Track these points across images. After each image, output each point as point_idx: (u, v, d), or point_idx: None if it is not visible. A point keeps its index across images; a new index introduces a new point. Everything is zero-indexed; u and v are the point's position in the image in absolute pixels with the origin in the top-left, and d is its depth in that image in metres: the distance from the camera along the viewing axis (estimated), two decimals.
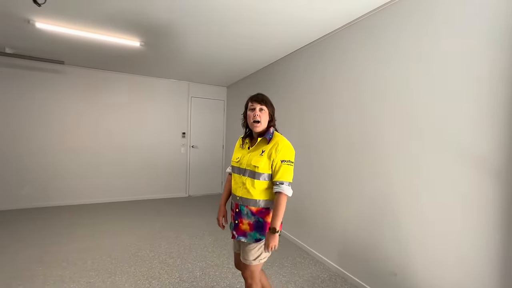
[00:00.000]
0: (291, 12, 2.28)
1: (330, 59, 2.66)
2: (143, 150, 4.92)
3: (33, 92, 4.09)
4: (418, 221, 1.78)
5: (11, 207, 4.02)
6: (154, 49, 3.37)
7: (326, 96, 2.70)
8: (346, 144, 2.42)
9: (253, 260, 1.41)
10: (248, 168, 1.43)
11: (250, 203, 1.42)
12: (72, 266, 2.40)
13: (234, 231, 1.49)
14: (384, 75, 2.07)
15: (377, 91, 2.13)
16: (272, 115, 1.49)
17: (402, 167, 1.90)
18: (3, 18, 2.61)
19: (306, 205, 2.96)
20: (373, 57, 2.17)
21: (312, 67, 2.93)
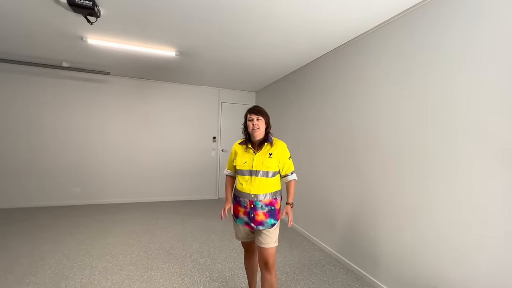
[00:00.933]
0: (318, 18, 2.28)
1: (364, 61, 2.59)
2: (176, 154, 5.19)
3: (83, 100, 4.57)
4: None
5: (64, 204, 4.50)
6: (188, 58, 3.57)
7: (360, 99, 2.63)
8: (379, 147, 2.33)
9: (274, 242, 1.68)
10: (261, 169, 1.68)
11: (263, 197, 1.67)
12: (115, 260, 2.62)
13: (251, 223, 1.69)
14: (425, 79, 1.96)
15: (415, 95, 2.03)
16: (268, 123, 1.75)
17: (443, 172, 1.78)
18: (62, 37, 2.98)
19: (345, 214, 2.89)
20: (412, 61, 2.07)
21: (342, 71, 2.87)
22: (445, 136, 1.78)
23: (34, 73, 4.27)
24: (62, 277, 2.26)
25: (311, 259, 2.79)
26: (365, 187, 2.48)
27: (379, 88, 2.37)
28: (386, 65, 2.31)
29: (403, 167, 2.09)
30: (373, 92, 2.44)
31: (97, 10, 2.23)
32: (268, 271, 1.69)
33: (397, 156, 2.15)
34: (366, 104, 2.52)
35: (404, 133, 2.10)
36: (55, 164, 4.45)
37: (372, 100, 2.45)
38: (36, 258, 2.58)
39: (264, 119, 1.72)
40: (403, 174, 2.09)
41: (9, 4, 2.28)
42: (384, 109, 2.31)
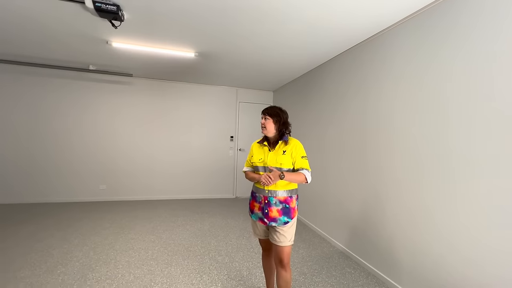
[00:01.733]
0: (332, 17, 2.22)
1: (380, 59, 2.49)
2: (195, 153, 5.30)
3: (108, 101, 4.80)
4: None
5: (91, 200, 4.75)
6: (207, 59, 3.63)
7: (375, 98, 2.54)
8: (407, 146, 2.23)
9: (288, 241, 1.71)
10: (274, 165, 1.71)
11: (277, 194, 1.71)
12: (137, 254, 2.72)
13: (264, 219, 1.72)
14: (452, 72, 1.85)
15: (432, 93, 1.92)
16: (279, 122, 1.78)
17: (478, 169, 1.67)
18: (89, 41, 3.13)
19: (373, 219, 2.81)
20: (435, 54, 1.96)
21: (361, 68, 2.78)
22: (464, 135, 1.67)
23: (63, 76, 4.54)
24: (89, 269, 2.38)
25: (330, 261, 2.73)
26: (387, 187, 2.38)
27: (395, 87, 2.27)
28: (402, 63, 2.22)
29: (422, 168, 1.99)
30: (389, 91, 2.34)
31: (121, 14, 2.32)
32: (284, 268, 1.73)
33: (416, 156, 2.05)
34: (381, 103, 2.43)
35: (421, 132, 1.99)
36: (83, 162, 4.71)
37: (388, 99, 2.35)
38: (65, 250, 2.74)
39: (272, 119, 1.78)
40: (423, 174, 1.98)
41: (43, 12, 2.43)
42: (399, 108, 2.21)
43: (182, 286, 2.18)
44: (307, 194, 3.90)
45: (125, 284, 2.18)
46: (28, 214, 3.85)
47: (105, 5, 2.17)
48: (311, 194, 3.79)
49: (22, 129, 4.43)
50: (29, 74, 4.40)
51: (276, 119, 1.78)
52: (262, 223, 1.76)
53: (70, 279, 2.22)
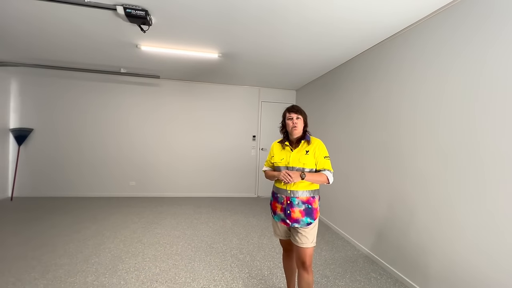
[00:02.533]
0: (358, 8, 2.13)
1: (416, 53, 2.35)
2: (218, 152, 5.40)
3: (137, 102, 5.06)
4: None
5: (122, 195, 5.05)
6: (230, 59, 3.68)
7: (408, 97, 2.39)
8: (433, 146, 2.08)
9: (310, 242, 1.67)
10: (297, 165, 1.69)
11: (300, 194, 1.68)
12: (163, 249, 2.84)
13: (287, 220, 1.70)
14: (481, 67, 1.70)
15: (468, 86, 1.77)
16: (306, 122, 1.78)
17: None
18: (120, 46, 3.32)
19: (396, 223, 2.68)
20: (462, 49, 1.81)
21: (387, 66, 2.64)
22: (497, 134, 1.51)
23: (97, 79, 4.87)
24: (119, 260, 2.53)
25: (354, 265, 2.64)
26: (413, 189, 2.24)
27: (419, 84, 2.12)
28: (428, 60, 2.06)
29: (452, 169, 1.84)
30: (413, 88, 2.20)
31: (149, 19, 2.43)
32: (306, 271, 1.69)
33: (443, 156, 1.90)
34: (415, 102, 2.28)
35: (449, 131, 1.84)
36: (115, 160, 5.02)
37: (421, 98, 2.20)
38: (99, 241, 2.94)
39: (302, 117, 1.75)
40: (452, 176, 1.83)
41: (80, 21, 2.62)
42: (424, 106, 2.06)
43: (205, 281, 2.24)
44: (330, 194, 3.80)
45: (151, 276, 2.28)
46: (67, 207, 4.18)
47: (134, 10, 2.29)
48: (334, 195, 3.69)
49: (61, 128, 4.83)
50: (66, 78, 4.78)
51: (304, 117, 1.77)
52: (285, 224, 1.73)
53: (102, 268, 2.38)
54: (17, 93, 4.68)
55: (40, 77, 4.71)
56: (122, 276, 2.26)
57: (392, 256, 2.50)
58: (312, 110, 4.57)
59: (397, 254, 2.44)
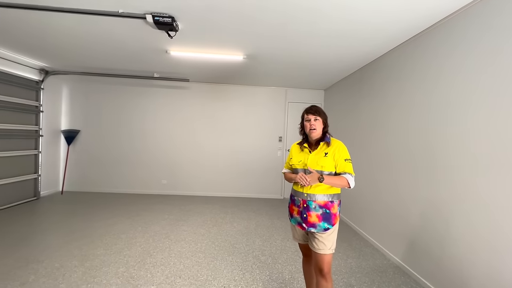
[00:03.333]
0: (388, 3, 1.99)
1: (453, 46, 2.12)
2: (245, 153, 5.46)
3: (169, 104, 5.34)
4: None
5: (155, 193, 5.36)
6: (255, 61, 3.70)
7: (444, 94, 2.17)
8: (470, 149, 1.86)
9: (328, 249, 1.60)
10: (315, 168, 1.63)
11: (317, 198, 1.61)
12: (188, 246, 2.94)
13: (303, 224, 1.64)
14: None
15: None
16: (325, 123, 1.71)
17: None
18: (153, 52, 3.53)
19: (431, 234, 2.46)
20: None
21: (422, 60, 2.42)
22: None
23: (134, 84, 5.24)
24: (148, 254, 2.68)
25: (383, 275, 2.46)
26: (450, 196, 2.02)
27: (475, 79, 1.89)
28: (485, 46, 1.82)
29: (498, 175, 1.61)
30: (465, 84, 1.97)
31: (175, 25, 2.54)
32: (323, 278, 1.62)
33: (488, 160, 1.67)
34: (452, 99, 2.05)
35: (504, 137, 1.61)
36: (149, 159, 5.35)
37: (461, 94, 1.97)
38: (131, 235, 3.15)
39: (321, 118, 1.68)
40: (502, 183, 1.60)
41: (116, 31, 2.85)
42: (479, 103, 1.83)
43: (225, 281, 2.27)
44: (358, 199, 3.61)
45: (175, 272, 2.38)
46: (106, 202, 4.56)
47: (162, 18, 2.41)
48: (363, 200, 3.49)
49: (103, 130, 5.29)
50: (107, 83, 5.23)
51: (324, 118, 1.70)
52: (301, 228, 1.69)
53: (132, 261, 2.54)
54: (67, 98, 5.24)
55: (85, 83, 5.21)
56: (149, 270, 2.39)
57: (427, 268, 2.28)
58: (340, 111, 4.38)
59: (432, 265, 2.22)
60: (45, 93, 4.70)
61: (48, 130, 4.87)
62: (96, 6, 2.33)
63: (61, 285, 2.11)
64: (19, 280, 2.14)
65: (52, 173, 5.02)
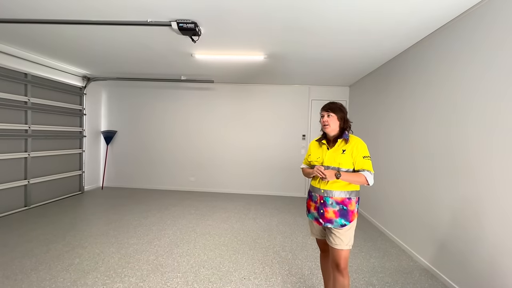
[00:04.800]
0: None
1: (491, 29, 1.97)
2: (268, 151, 5.53)
3: (195, 105, 5.61)
4: None
5: (184, 189, 5.67)
6: (276, 60, 3.75)
7: (476, 86, 2.03)
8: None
9: (345, 245, 1.61)
10: (332, 164, 1.64)
11: (334, 194, 1.63)
12: (212, 239, 3.10)
13: (320, 219, 1.67)
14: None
15: None
16: (343, 119, 1.69)
17: None
18: (179, 56, 3.75)
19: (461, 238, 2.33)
20: None
21: (453, 52, 2.28)
22: None
23: (163, 87, 5.59)
24: (175, 245, 2.88)
25: (408, 277, 2.37)
26: (484, 195, 1.88)
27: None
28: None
29: None
30: (496, 78, 1.82)
31: (198, 30, 2.69)
32: (340, 273, 1.63)
33: None
34: (487, 91, 1.91)
35: None
36: (178, 157, 5.68)
37: (498, 85, 1.83)
38: (161, 228, 3.40)
39: (336, 115, 1.67)
40: None
41: (145, 38, 3.09)
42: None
43: (246, 273, 2.37)
44: (383, 198, 3.48)
45: (199, 262, 2.53)
46: (140, 197, 4.94)
47: (185, 24, 2.57)
48: (388, 199, 3.36)
49: (137, 130, 5.72)
50: (140, 87, 5.64)
51: (340, 115, 1.69)
52: (318, 223, 1.71)
53: (161, 250, 2.75)
54: (106, 101, 5.75)
55: (121, 88, 5.68)
56: (176, 259, 2.58)
57: (457, 272, 2.15)
58: (366, 108, 4.24)
59: (463, 269, 2.09)
60: (87, 98, 5.22)
61: (90, 131, 5.39)
62: (128, 17, 2.57)
63: (100, 268, 2.37)
64: (67, 262, 2.45)
65: (93, 170, 5.56)
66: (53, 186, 4.50)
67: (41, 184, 4.27)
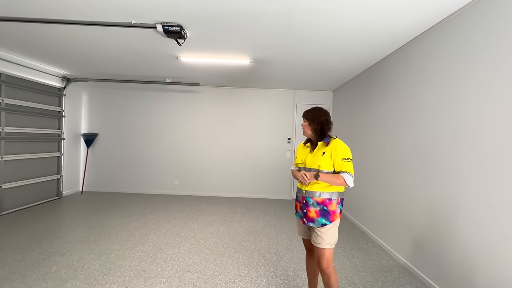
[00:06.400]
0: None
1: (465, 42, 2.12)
2: (254, 154, 5.56)
3: (181, 107, 5.55)
4: None
5: (168, 193, 5.57)
6: (261, 64, 3.81)
7: (455, 88, 2.17)
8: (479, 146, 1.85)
9: (326, 243, 1.67)
10: (313, 167, 1.71)
11: (314, 195, 1.71)
12: (197, 243, 3.07)
13: (303, 219, 1.76)
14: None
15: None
16: (314, 123, 1.75)
17: None
18: (164, 58, 3.72)
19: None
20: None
21: (432, 57, 2.43)
22: None
23: (147, 89, 5.49)
24: (159, 250, 2.83)
25: (388, 275, 2.47)
26: (462, 196, 2.01)
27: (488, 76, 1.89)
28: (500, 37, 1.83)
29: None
30: (478, 81, 1.97)
31: (183, 33, 2.69)
32: (323, 271, 1.70)
33: (496, 160, 1.66)
34: (464, 96, 2.05)
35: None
36: (163, 161, 5.58)
37: (474, 91, 1.97)
38: (144, 232, 3.32)
39: (308, 121, 1.78)
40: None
41: (129, 40, 3.05)
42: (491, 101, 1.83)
43: (231, 276, 2.37)
44: (366, 199, 3.60)
45: (184, 266, 2.50)
46: (123, 201, 4.80)
47: (171, 27, 2.57)
48: (371, 201, 3.48)
49: (119, 133, 5.57)
50: (123, 89, 5.51)
51: (310, 121, 1.77)
52: (302, 222, 1.78)
53: (144, 255, 2.69)
54: (87, 103, 5.57)
55: (103, 89, 5.53)
56: (159, 264, 2.53)
57: (434, 269, 2.26)
58: (349, 112, 4.39)
59: (439, 267, 2.20)
60: (66, 99, 5.03)
61: (70, 134, 5.19)
62: (111, 18, 2.53)
63: (80, 275, 2.29)
64: (43, 271, 2.34)
65: (73, 174, 5.34)
66: (28, 191, 4.29)
67: (15, 189, 4.05)
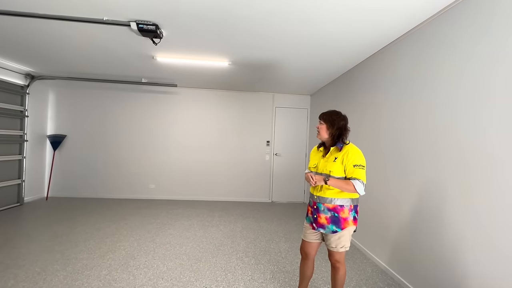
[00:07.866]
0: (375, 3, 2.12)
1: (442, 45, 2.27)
2: (233, 157, 5.52)
3: (157, 108, 5.37)
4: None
5: (143, 197, 5.34)
6: (240, 67, 3.80)
7: (429, 92, 2.31)
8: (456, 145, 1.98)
9: (340, 248, 1.71)
10: (324, 172, 1.70)
11: (326, 201, 1.71)
12: (173, 248, 2.96)
13: (313, 224, 1.78)
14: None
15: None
16: (332, 128, 1.73)
17: None
18: (140, 58, 3.59)
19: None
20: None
21: (404, 63, 2.57)
22: None
23: (122, 89, 5.27)
24: (131, 257, 2.70)
25: (362, 274, 2.55)
26: (440, 198, 2.14)
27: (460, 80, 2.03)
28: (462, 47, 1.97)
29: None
30: (449, 83, 2.11)
31: (159, 32, 2.61)
32: (333, 266, 1.80)
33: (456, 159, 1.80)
34: (438, 98, 2.19)
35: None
36: (137, 164, 5.35)
37: (444, 94, 2.11)
38: (116, 239, 3.15)
39: (326, 124, 1.76)
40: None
41: (102, 37, 2.90)
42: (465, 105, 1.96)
43: (207, 281, 2.31)
44: None
45: (158, 274, 2.40)
46: (93, 207, 4.52)
47: (146, 25, 2.49)
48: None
49: (90, 135, 5.27)
50: (95, 88, 5.23)
51: (329, 125, 1.75)
52: (311, 227, 1.82)
53: (115, 264, 2.55)
54: (53, 103, 5.21)
55: (72, 88, 5.20)
56: (132, 272, 2.41)
57: (405, 268, 2.37)
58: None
59: (410, 265, 2.31)
60: (30, 98, 4.67)
61: (33, 135, 4.82)
62: (81, 14, 2.39)
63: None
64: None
65: (37, 179, 4.95)
66: None
67: None
